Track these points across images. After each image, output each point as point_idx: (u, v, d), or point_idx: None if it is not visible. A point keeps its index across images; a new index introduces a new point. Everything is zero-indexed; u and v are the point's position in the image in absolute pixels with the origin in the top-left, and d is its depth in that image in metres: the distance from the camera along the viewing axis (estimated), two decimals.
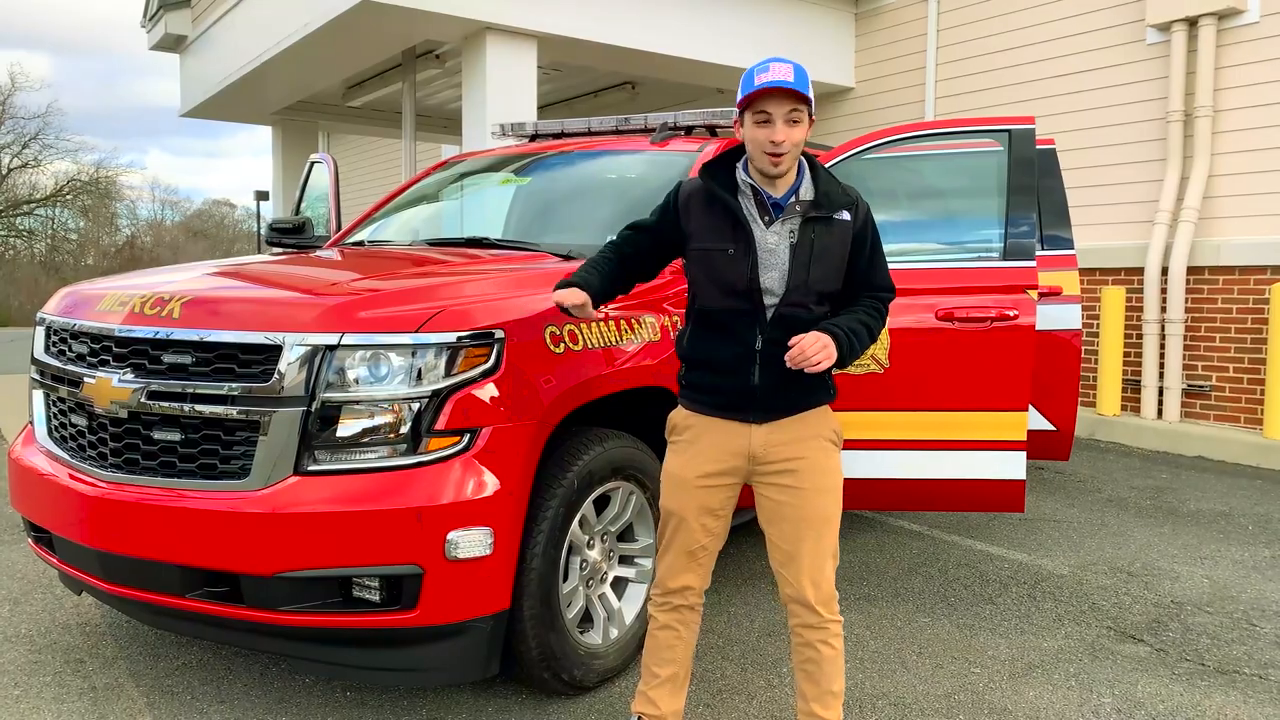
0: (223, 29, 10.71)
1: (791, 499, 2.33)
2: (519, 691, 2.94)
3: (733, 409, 2.33)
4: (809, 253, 2.27)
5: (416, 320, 2.52)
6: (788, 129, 2.20)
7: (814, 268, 2.28)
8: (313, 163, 5.39)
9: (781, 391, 2.31)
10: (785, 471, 2.32)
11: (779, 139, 2.20)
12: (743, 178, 2.33)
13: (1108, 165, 7.94)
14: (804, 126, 2.23)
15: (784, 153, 2.22)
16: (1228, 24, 7.23)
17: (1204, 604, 3.82)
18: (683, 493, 2.37)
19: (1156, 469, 6.46)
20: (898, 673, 3.15)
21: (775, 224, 2.29)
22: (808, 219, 2.29)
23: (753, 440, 2.32)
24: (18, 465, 3.05)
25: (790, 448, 2.32)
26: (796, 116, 2.21)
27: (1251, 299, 7.14)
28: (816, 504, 2.33)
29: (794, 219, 2.29)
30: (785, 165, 2.24)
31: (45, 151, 34.41)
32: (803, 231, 2.28)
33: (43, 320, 3.15)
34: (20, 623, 3.49)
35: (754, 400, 2.31)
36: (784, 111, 2.20)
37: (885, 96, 9.86)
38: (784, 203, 2.30)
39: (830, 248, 2.30)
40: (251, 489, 2.48)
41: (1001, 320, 3.49)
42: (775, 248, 2.28)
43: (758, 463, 2.33)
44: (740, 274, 2.27)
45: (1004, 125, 3.74)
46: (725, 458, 2.34)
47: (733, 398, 2.32)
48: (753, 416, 2.32)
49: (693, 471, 2.36)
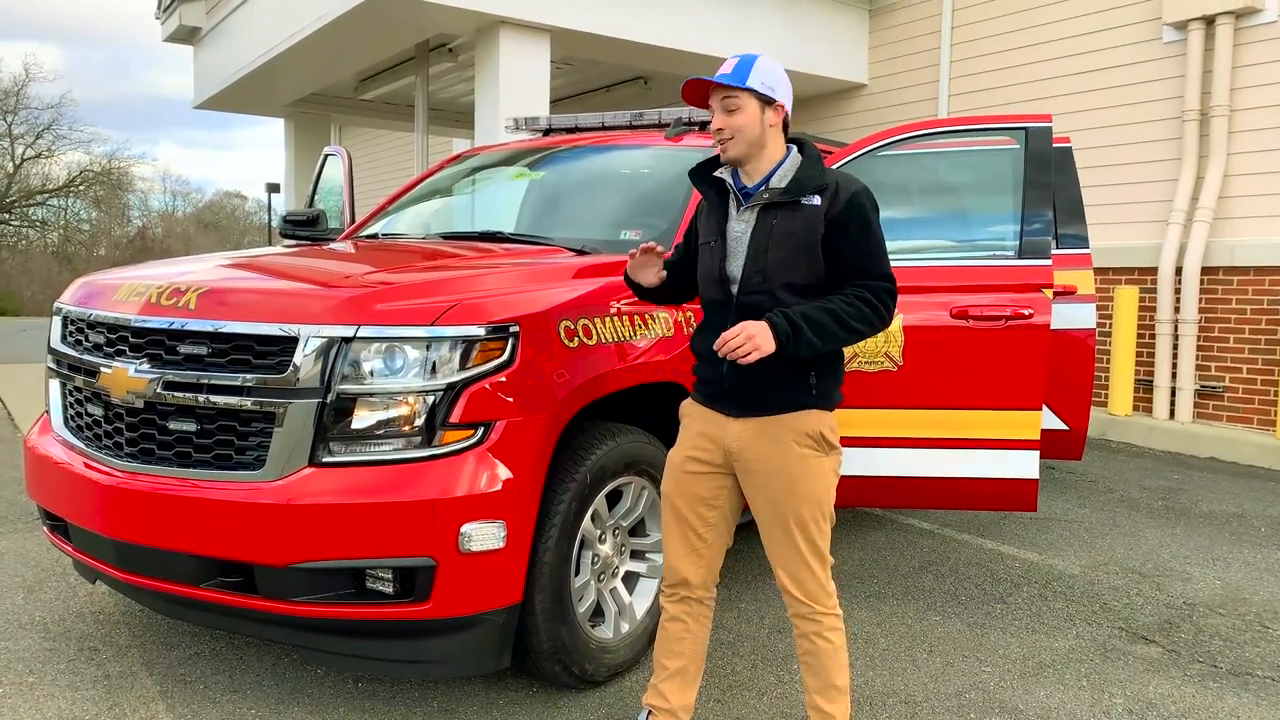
0: (237, 21, 10.75)
1: (760, 499, 2.33)
2: (530, 684, 2.95)
3: (715, 399, 2.38)
4: (766, 238, 2.26)
5: (432, 313, 2.52)
6: (725, 116, 2.29)
7: (772, 254, 2.24)
8: (327, 155, 5.40)
9: (747, 386, 2.28)
10: (750, 471, 2.32)
11: (716, 126, 2.31)
12: (722, 172, 2.40)
13: (1123, 164, 7.90)
14: (746, 114, 2.27)
15: (726, 139, 2.30)
16: (1245, 23, 7.18)
17: (1216, 605, 3.80)
18: (671, 475, 2.44)
19: (1169, 470, 6.43)
20: (908, 671, 3.15)
21: (744, 211, 2.32)
22: (767, 205, 2.29)
23: (727, 433, 2.33)
24: (34, 454, 3.07)
25: (757, 447, 2.29)
26: (732, 105, 2.28)
27: (1266, 300, 7.10)
28: (782, 507, 2.28)
29: (757, 206, 2.31)
30: (733, 152, 2.31)
31: (58, 142, 34.63)
32: (761, 217, 2.28)
33: (59, 310, 3.16)
34: (35, 610, 3.51)
35: (724, 392, 2.34)
36: (718, 100, 2.30)
37: (899, 93, 9.82)
38: (754, 191, 2.33)
39: (793, 233, 2.24)
40: (266, 480, 2.48)
41: (1016, 319, 3.47)
42: (740, 235, 2.32)
43: (732, 456, 2.34)
44: (715, 264, 2.34)
45: (1020, 123, 3.72)
46: (706, 445, 2.37)
47: (714, 388, 2.38)
48: (729, 409, 2.34)
49: (679, 455, 2.43)
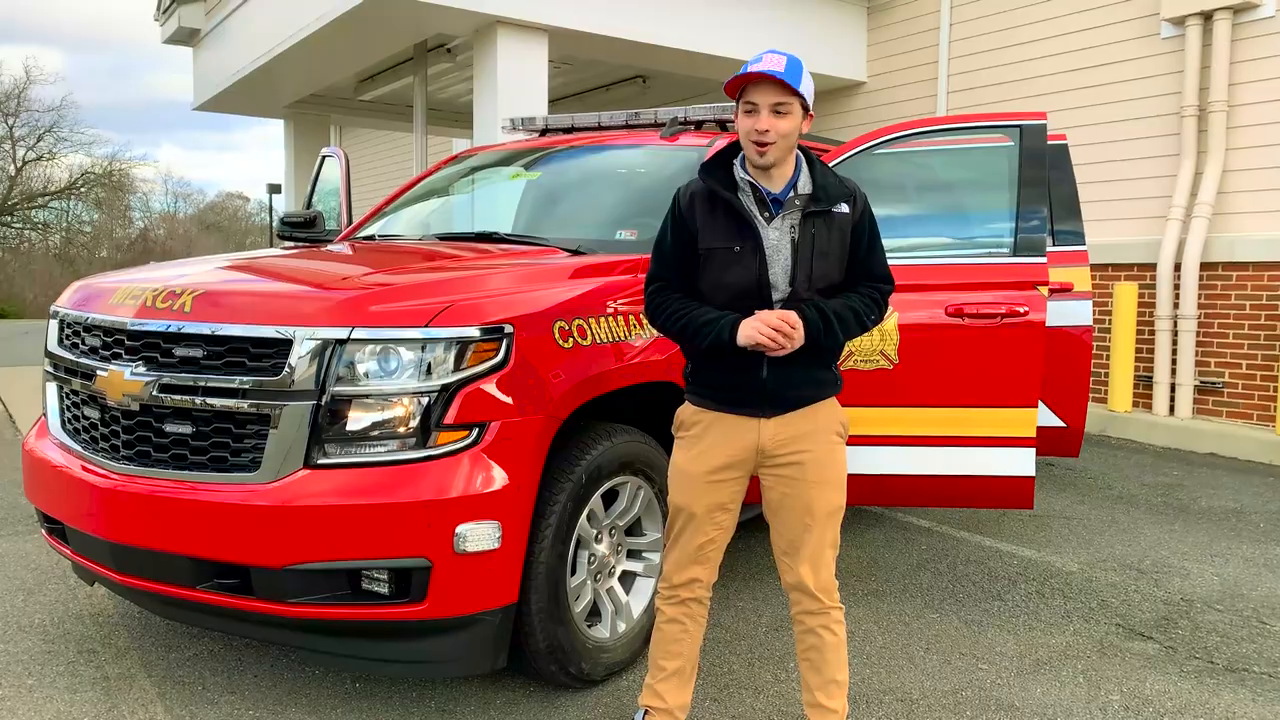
0: (236, 22, 10.75)
1: (798, 491, 2.34)
2: (526, 684, 2.95)
3: (742, 404, 2.33)
4: (810, 248, 2.28)
5: (426, 315, 2.53)
6: (773, 119, 2.20)
7: (816, 263, 2.28)
8: (324, 157, 5.41)
9: (790, 386, 2.32)
10: (792, 464, 2.33)
11: (762, 128, 2.19)
12: (740, 174, 2.32)
13: (1121, 160, 7.89)
14: (793, 119, 2.22)
15: (769, 142, 2.20)
16: (1243, 18, 7.17)
17: (1214, 602, 3.80)
18: (692, 488, 2.37)
19: (1168, 466, 6.43)
20: (905, 668, 3.15)
21: (776, 219, 2.29)
22: (808, 214, 2.29)
23: (762, 435, 2.33)
24: (31, 457, 3.08)
25: (798, 441, 2.33)
26: (783, 109, 2.20)
27: (1265, 295, 7.09)
28: (821, 497, 2.35)
29: (794, 214, 2.29)
30: (771, 156, 2.22)
31: (59, 144, 34.77)
32: (803, 227, 2.29)
33: (56, 313, 3.17)
34: (34, 613, 3.52)
35: (763, 395, 2.31)
36: (770, 101, 2.19)
37: (897, 91, 9.82)
38: (783, 197, 2.29)
39: (831, 241, 2.30)
40: (262, 482, 2.49)
41: (1012, 317, 3.47)
42: (778, 243, 2.28)
43: (766, 456, 2.34)
44: (749, 271, 2.26)
45: (1015, 121, 3.72)
46: (734, 452, 2.34)
47: (742, 394, 2.32)
48: (762, 411, 2.32)
49: (702, 466, 2.36)
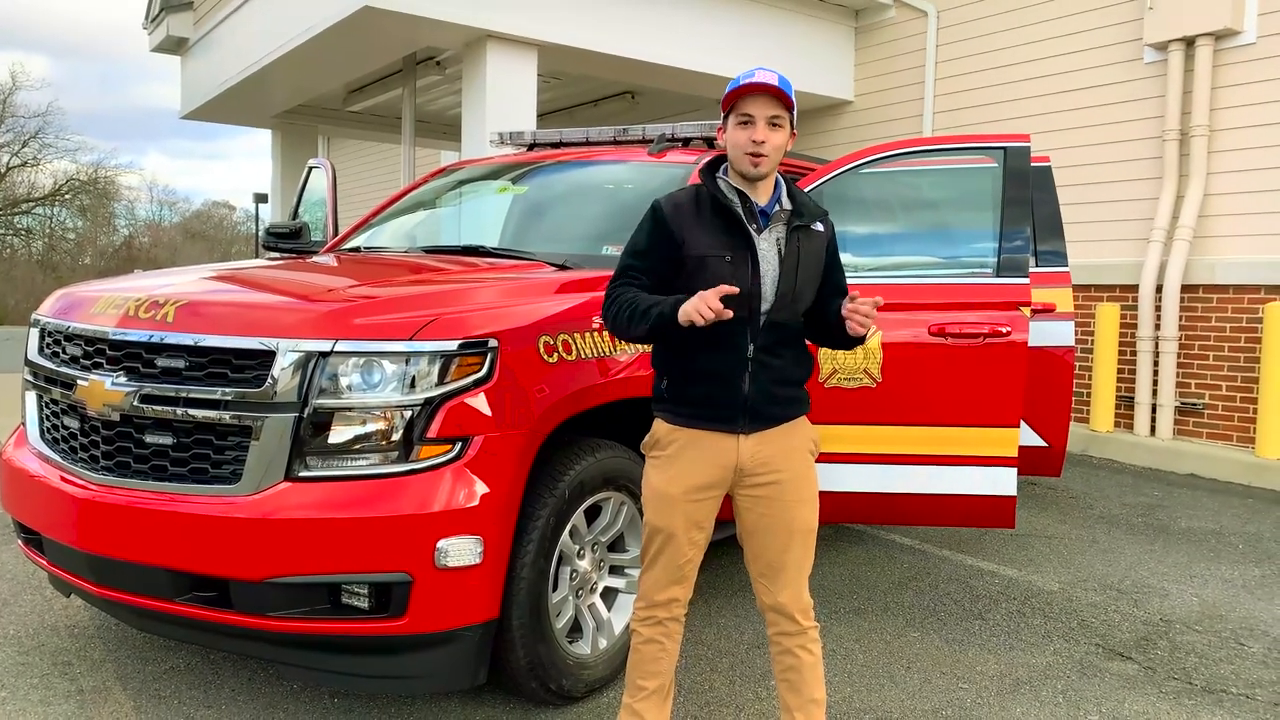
0: (224, 32, 10.73)
1: (776, 511, 2.34)
2: (507, 700, 2.94)
3: (721, 420, 2.30)
4: (796, 260, 2.31)
5: (410, 328, 2.53)
6: (769, 131, 2.23)
7: (800, 274, 2.31)
8: (311, 168, 5.40)
9: (769, 401, 2.32)
10: (770, 484, 2.33)
11: (759, 138, 2.22)
12: (729, 185, 2.33)
13: (1104, 183, 7.97)
14: (784, 133, 2.26)
15: (765, 154, 2.23)
16: (1225, 44, 7.27)
17: (1193, 622, 3.82)
18: (670, 509, 2.33)
19: (1148, 486, 6.47)
20: (885, 687, 3.15)
21: (765, 231, 2.31)
22: (794, 227, 2.32)
23: (740, 451, 2.31)
24: (9, 466, 3.05)
25: (776, 460, 2.33)
26: (778, 121, 2.24)
27: (1245, 318, 7.16)
28: (800, 516, 2.35)
29: (779, 228, 2.32)
30: (765, 168, 2.25)
31: (44, 150, 34.52)
32: (789, 239, 2.32)
33: (37, 322, 3.15)
34: (8, 624, 3.48)
35: (744, 410, 2.30)
36: (766, 114, 2.23)
37: (884, 110, 9.89)
38: (769, 210, 2.32)
39: (812, 256, 2.35)
40: (242, 494, 2.48)
41: (994, 336, 3.50)
42: (767, 254, 2.30)
43: (743, 474, 2.33)
44: (740, 280, 2.23)
45: (1000, 142, 3.76)
46: (713, 470, 2.32)
47: (722, 409, 2.30)
48: (741, 427, 2.31)
49: (679, 486, 2.32)
